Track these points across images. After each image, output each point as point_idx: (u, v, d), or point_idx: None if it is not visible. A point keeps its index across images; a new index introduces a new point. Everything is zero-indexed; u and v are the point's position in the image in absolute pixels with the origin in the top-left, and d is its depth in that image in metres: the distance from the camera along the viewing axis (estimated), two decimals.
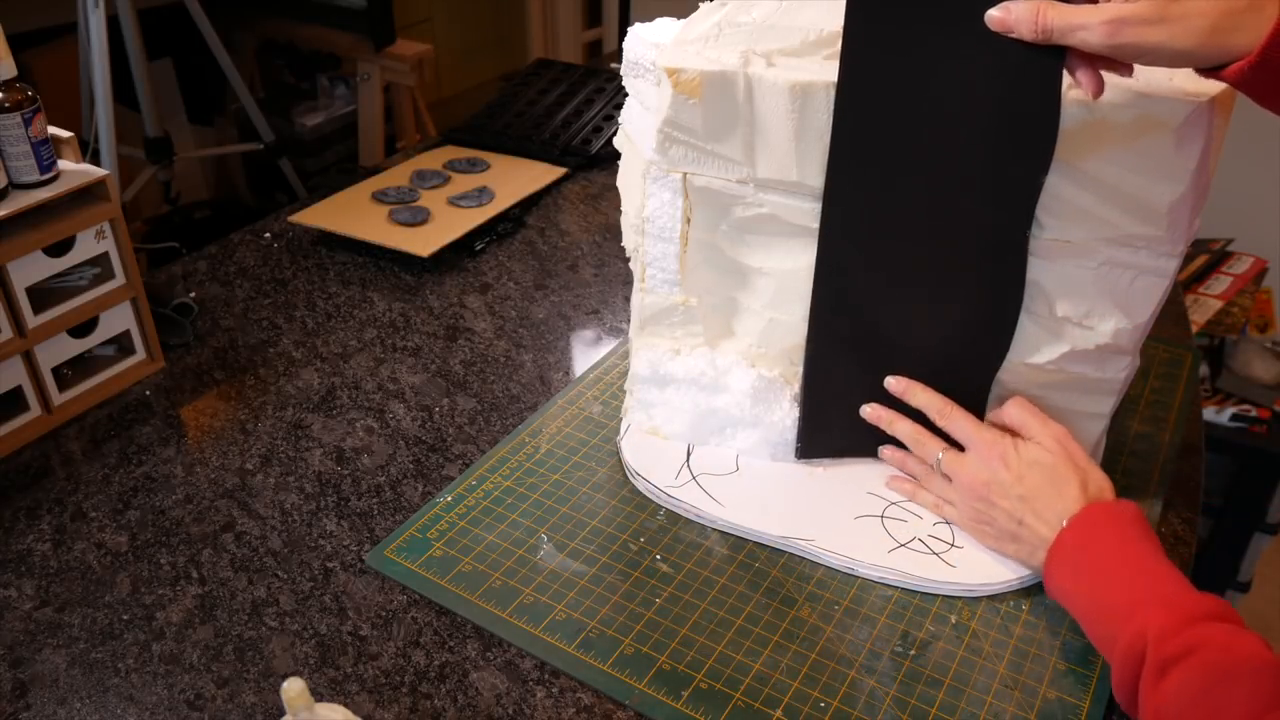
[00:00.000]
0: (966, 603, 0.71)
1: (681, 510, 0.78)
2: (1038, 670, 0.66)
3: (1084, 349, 0.72)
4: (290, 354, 0.98)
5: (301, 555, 0.75)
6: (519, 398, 0.92)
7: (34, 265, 0.83)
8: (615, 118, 1.39)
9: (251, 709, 0.64)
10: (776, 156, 0.71)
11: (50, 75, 1.92)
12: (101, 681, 0.66)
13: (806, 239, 0.74)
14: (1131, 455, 0.84)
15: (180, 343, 0.99)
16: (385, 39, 2.16)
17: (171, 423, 0.89)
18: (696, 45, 0.71)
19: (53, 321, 0.85)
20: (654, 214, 0.77)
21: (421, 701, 0.64)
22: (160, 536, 0.77)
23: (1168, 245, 0.68)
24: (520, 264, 1.13)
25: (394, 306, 1.05)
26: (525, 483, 0.81)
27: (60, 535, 0.77)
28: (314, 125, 2.32)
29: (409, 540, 0.76)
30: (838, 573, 0.73)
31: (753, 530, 0.76)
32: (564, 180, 1.30)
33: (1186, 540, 0.77)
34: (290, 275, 1.11)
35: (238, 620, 0.70)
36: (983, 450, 0.72)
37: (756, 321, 0.80)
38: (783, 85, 0.68)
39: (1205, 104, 0.63)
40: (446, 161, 1.31)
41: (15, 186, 0.82)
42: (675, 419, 0.83)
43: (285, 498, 0.80)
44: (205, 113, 2.40)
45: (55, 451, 0.86)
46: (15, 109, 0.80)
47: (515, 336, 1.01)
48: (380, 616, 0.70)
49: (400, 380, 0.94)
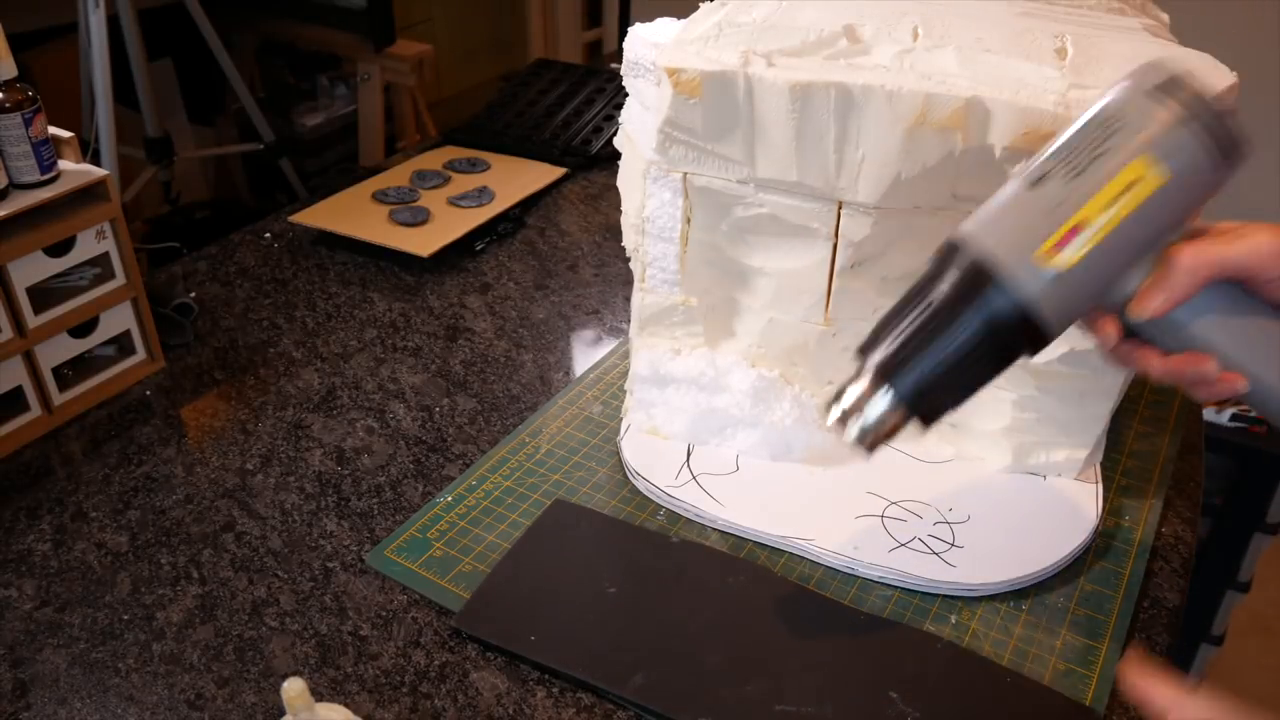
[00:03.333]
0: (966, 603, 0.71)
1: (681, 510, 0.78)
2: (1038, 670, 0.66)
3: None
4: (290, 354, 0.98)
5: (302, 555, 0.75)
6: (519, 398, 0.92)
7: (34, 265, 0.83)
8: (615, 118, 1.39)
9: (251, 709, 0.64)
10: (776, 156, 0.71)
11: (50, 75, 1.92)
12: (102, 681, 0.66)
13: (806, 239, 0.74)
14: (1131, 455, 0.84)
15: (180, 343, 0.99)
16: (385, 39, 2.16)
17: (172, 423, 0.89)
18: (696, 45, 0.71)
19: (53, 321, 0.85)
20: (654, 214, 0.77)
21: (421, 701, 0.64)
22: (160, 536, 0.77)
23: None
24: (520, 264, 1.13)
25: (394, 306, 1.05)
26: (525, 483, 0.81)
27: (60, 535, 0.77)
28: (314, 125, 2.32)
29: (409, 540, 0.76)
30: (838, 573, 0.73)
31: (753, 530, 0.76)
32: (564, 180, 1.30)
33: (1186, 540, 0.77)
34: (290, 275, 1.11)
35: (238, 620, 0.70)
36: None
37: (756, 321, 0.80)
38: (783, 85, 0.68)
39: None
40: (446, 161, 1.31)
41: (15, 186, 0.82)
42: (675, 419, 0.83)
43: (285, 498, 0.80)
44: (205, 113, 2.40)
45: (55, 451, 0.86)
46: (15, 109, 0.80)
47: (515, 336, 1.01)
48: (380, 616, 0.70)
49: (400, 380, 0.94)
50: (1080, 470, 0.79)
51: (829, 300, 0.77)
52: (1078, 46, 0.69)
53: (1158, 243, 0.52)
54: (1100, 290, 0.53)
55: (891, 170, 0.69)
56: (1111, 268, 0.52)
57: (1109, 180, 0.50)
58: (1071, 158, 0.51)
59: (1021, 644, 0.68)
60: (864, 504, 0.78)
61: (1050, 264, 0.50)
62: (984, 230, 0.52)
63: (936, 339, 0.53)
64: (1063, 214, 0.50)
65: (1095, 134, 0.51)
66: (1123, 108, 0.51)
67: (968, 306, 0.52)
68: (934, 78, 0.67)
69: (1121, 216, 0.50)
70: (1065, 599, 0.71)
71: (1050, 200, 0.51)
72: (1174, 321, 0.53)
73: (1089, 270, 0.51)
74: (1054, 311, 0.52)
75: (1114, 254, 0.51)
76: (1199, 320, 0.53)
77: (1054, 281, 0.51)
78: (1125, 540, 0.76)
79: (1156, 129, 0.50)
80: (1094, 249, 0.50)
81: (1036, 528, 0.75)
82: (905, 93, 0.67)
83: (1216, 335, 0.53)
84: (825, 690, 0.63)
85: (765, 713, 0.62)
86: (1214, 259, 0.52)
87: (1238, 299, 0.53)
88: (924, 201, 0.71)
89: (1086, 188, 0.50)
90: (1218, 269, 0.52)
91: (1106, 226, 0.50)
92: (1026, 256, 0.51)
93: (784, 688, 0.63)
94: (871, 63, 0.70)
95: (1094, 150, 0.51)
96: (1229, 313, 0.53)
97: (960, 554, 0.74)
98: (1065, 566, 0.73)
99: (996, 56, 0.68)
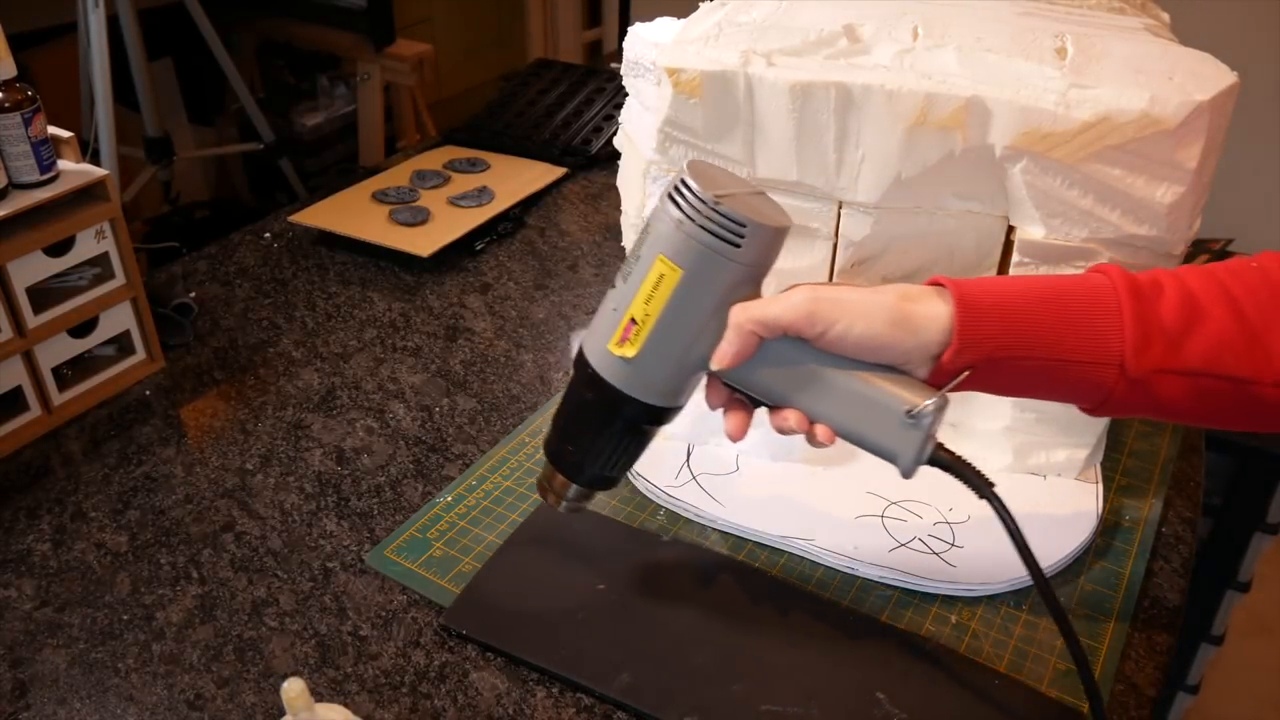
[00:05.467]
0: (966, 603, 0.71)
1: (681, 510, 0.78)
2: (1038, 670, 0.66)
3: None
4: (290, 354, 0.98)
5: (301, 555, 0.75)
6: (519, 398, 0.92)
7: (34, 265, 0.83)
8: (615, 118, 1.39)
9: (251, 709, 0.64)
10: (776, 156, 0.71)
11: (50, 75, 1.92)
12: (101, 681, 0.66)
13: (806, 239, 0.74)
14: (1131, 455, 0.84)
15: (180, 343, 0.99)
16: (385, 39, 2.16)
17: (171, 423, 0.89)
18: (696, 45, 0.71)
19: (53, 321, 0.85)
20: None
21: (421, 701, 0.64)
22: (160, 536, 0.77)
23: (1168, 245, 0.68)
24: (520, 264, 1.13)
25: (394, 306, 1.05)
26: (525, 483, 0.81)
27: (60, 535, 0.77)
28: (314, 125, 2.32)
29: (409, 540, 0.76)
30: (838, 573, 0.73)
31: (753, 530, 0.76)
32: (564, 180, 1.30)
33: (1186, 540, 0.77)
34: (290, 275, 1.11)
35: (238, 620, 0.70)
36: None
37: None
38: (783, 85, 0.68)
39: (1205, 104, 0.63)
40: (446, 161, 1.31)
41: (15, 186, 0.82)
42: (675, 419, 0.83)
43: (285, 498, 0.80)
44: (205, 113, 2.40)
45: (55, 451, 0.86)
46: (15, 109, 0.80)
47: (515, 336, 1.00)
48: (380, 616, 0.70)
49: (400, 380, 0.94)
50: (1080, 470, 0.79)
51: None
52: (1078, 46, 0.69)
53: (710, 318, 0.58)
54: (675, 365, 0.59)
55: (891, 170, 0.69)
56: (672, 346, 0.59)
57: (642, 281, 0.58)
58: (626, 263, 0.59)
59: (1021, 644, 0.68)
60: (864, 504, 0.78)
61: (621, 353, 0.59)
62: (586, 336, 0.62)
63: (578, 425, 0.63)
64: (620, 313, 0.58)
65: (638, 240, 0.59)
66: (653, 213, 0.58)
67: (585, 394, 0.61)
68: (934, 77, 0.67)
69: (659, 309, 0.57)
70: (1065, 599, 0.71)
71: (613, 300, 0.59)
72: (745, 375, 0.59)
73: (654, 352, 0.58)
74: (641, 389, 0.60)
75: (667, 337, 0.58)
76: (761, 372, 0.59)
77: (629, 365, 0.59)
78: (1125, 540, 0.76)
79: (665, 231, 0.57)
80: (649, 337, 0.58)
81: (1037, 528, 0.75)
82: (905, 92, 0.67)
83: (777, 386, 0.59)
84: (812, 690, 0.63)
85: (750, 712, 0.62)
86: (757, 318, 0.57)
87: (802, 351, 0.58)
88: (924, 201, 0.71)
89: (630, 288, 0.58)
90: (761, 327, 0.57)
91: (651, 318, 0.58)
92: (603, 348, 0.59)
93: (770, 687, 0.63)
94: (871, 62, 0.69)
95: (635, 254, 0.58)
96: (787, 364, 0.58)
97: (960, 554, 0.74)
98: (1065, 566, 0.73)
99: (997, 56, 0.68)
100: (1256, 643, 1.80)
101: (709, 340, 0.58)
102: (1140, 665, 0.67)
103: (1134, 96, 0.63)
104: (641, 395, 0.60)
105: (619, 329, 0.58)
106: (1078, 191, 0.67)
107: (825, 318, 0.56)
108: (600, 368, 0.60)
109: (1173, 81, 0.64)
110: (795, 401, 0.59)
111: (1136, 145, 0.64)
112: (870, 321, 0.56)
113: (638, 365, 0.59)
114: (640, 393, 0.60)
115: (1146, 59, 0.68)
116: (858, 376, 0.57)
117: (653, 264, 0.57)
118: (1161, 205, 0.66)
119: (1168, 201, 0.65)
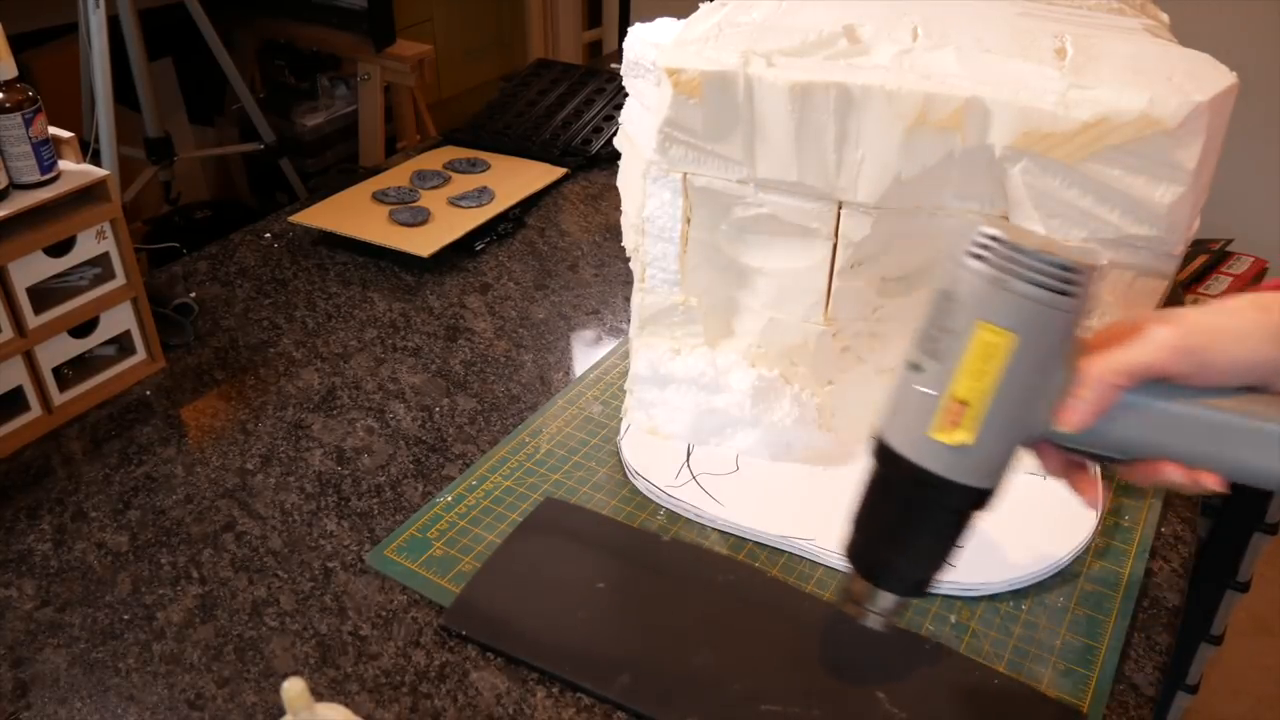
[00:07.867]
0: (966, 603, 0.71)
1: (681, 510, 0.78)
2: (1038, 670, 0.66)
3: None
4: (290, 354, 0.98)
5: (302, 555, 0.75)
6: (519, 398, 0.92)
7: (34, 265, 0.83)
8: (615, 118, 1.39)
9: (252, 709, 0.64)
10: (776, 156, 0.71)
11: (50, 75, 1.92)
12: (102, 681, 0.66)
13: (806, 239, 0.74)
14: None
15: (180, 343, 0.99)
16: (385, 39, 2.16)
17: (172, 423, 0.89)
18: (696, 45, 0.71)
19: (53, 321, 0.85)
20: (654, 214, 0.77)
21: (421, 701, 0.64)
22: (160, 536, 0.77)
23: (1168, 245, 0.68)
24: (520, 264, 1.13)
25: (394, 306, 1.05)
26: (525, 483, 0.81)
27: (61, 535, 0.77)
28: (314, 125, 2.32)
29: (409, 540, 0.76)
30: (838, 573, 0.73)
31: (753, 530, 0.76)
32: (564, 180, 1.30)
33: (1186, 540, 0.77)
34: (290, 275, 1.11)
35: (238, 620, 0.70)
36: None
37: (756, 321, 0.80)
38: (783, 85, 0.68)
39: (1205, 104, 0.63)
40: (446, 162, 1.31)
41: (16, 187, 0.82)
42: (675, 419, 0.83)
43: (285, 498, 0.80)
44: (205, 113, 2.40)
45: (56, 451, 0.86)
46: (16, 109, 0.80)
47: (515, 336, 1.01)
48: (380, 616, 0.70)
49: (400, 380, 0.94)
50: None
51: (829, 300, 0.77)
52: (1078, 46, 0.69)
53: (1049, 380, 0.52)
54: (1015, 440, 0.54)
55: (891, 170, 0.69)
56: (1013, 421, 0.53)
57: (964, 354, 0.51)
58: (925, 341, 0.53)
59: (1021, 644, 0.68)
60: None
61: (952, 440, 0.52)
62: (888, 425, 0.55)
63: (895, 527, 0.57)
64: (939, 395, 0.52)
65: (938, 312, 0.52)
66: (954, 281, 0.52)
67: (902, 492, 0.55)
68: (934, 78, 0.68)
69: (994, 383, 0.51)
70: (1065, 599, 0.71)
71: (921, 382, 0.52)
72: (1096, 434, 0.53)
73: (992, 431, 0.52)
74: (975, 474, 0.53)
75: (1008, 411, 0.52)
76: (1118, 425, 0.53)
77: (962, 452, 0.52)
78: (1125, 540, 0.76)
79: (982, 295, 0.51)
80: (987, 416, 0.52)
81: (1036, 528, 0.75)
82: (905, 93, 0.67)
83: (1142, 436, 0.53)
84: (812, 690, 0.63)
85: (750, 713, 0.62)
86: (1122, 369, 0.51)
87: (1161, 393, 0.52)
88: (924, 201, 0.72)
89: (947, 365, 0.52)
90: (1127, 378, 0.52)
91: (985, 394, 0.51)
92: (922, 436, 0.53)
93: (770, 687, 0.63)
94: (871, 63, 0.70)
95: (938, 328, 0.52)
96: (1149, 410, 0.53)
97: (960, 554, 0.73)
98: (1065, 566, 0.73)
99: (996, 56, 0.69)
100: (1256, 643, 1.80)
101: (1049, 404, 0.53)
102: (1140, 665, 0.67)
103: (1133, 97, 0.63)
104: (974, 480, 0.54)
105: (942, 413, 0.52)
106: (1077, 191, 0.67)
107: (1201, 350, 0.51)
108: (922, 459, 0.53)
109: (1172, 82, 0.64)
110: (1169, 450, 0.53)
111: (1136, 145, 0.64)
112: (1246, 342, 0.51)
113: (974, 449, 0.52)
114: (974, 478, 0.53)
115: (1146, 59, 0.68)
116: (1230, 407, 0.52)
117: (974, 333, 0.51)
118: (1161, 205, 0.66)
119: (1167, 202, 0.65)
